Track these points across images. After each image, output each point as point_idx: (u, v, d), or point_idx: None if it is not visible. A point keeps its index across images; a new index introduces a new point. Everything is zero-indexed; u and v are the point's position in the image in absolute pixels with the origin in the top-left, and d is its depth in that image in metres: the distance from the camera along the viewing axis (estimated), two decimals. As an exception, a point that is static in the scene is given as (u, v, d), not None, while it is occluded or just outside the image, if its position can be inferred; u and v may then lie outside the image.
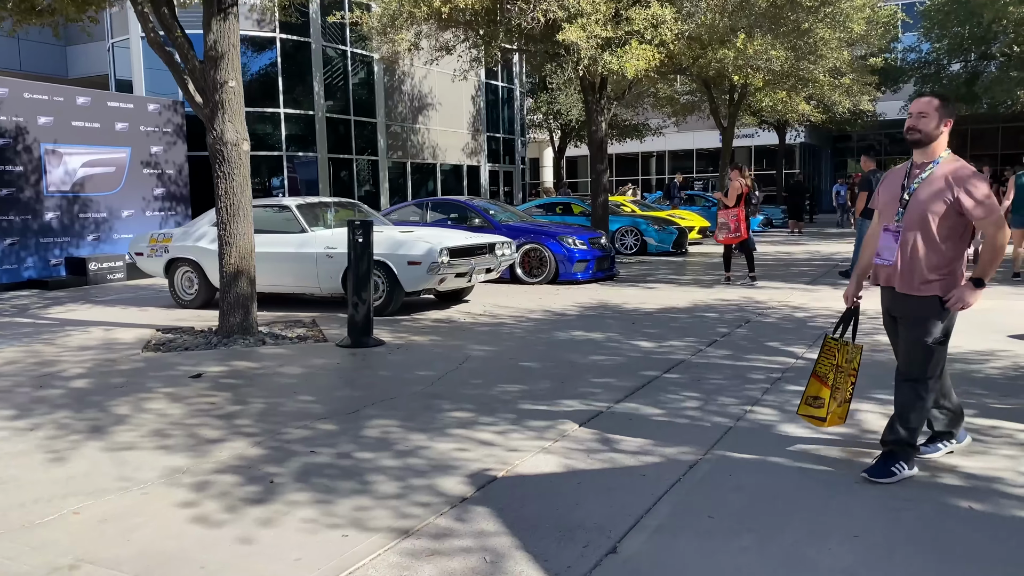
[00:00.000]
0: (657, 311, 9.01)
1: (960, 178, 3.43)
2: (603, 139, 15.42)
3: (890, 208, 3.67)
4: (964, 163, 3.52)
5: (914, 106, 3.58)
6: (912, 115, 3.57)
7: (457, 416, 4.81)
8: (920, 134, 3.51)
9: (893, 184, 3.73)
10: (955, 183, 3.43)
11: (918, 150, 3.58)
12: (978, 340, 6.83)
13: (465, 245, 9.08)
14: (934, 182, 3.49)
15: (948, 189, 3.47)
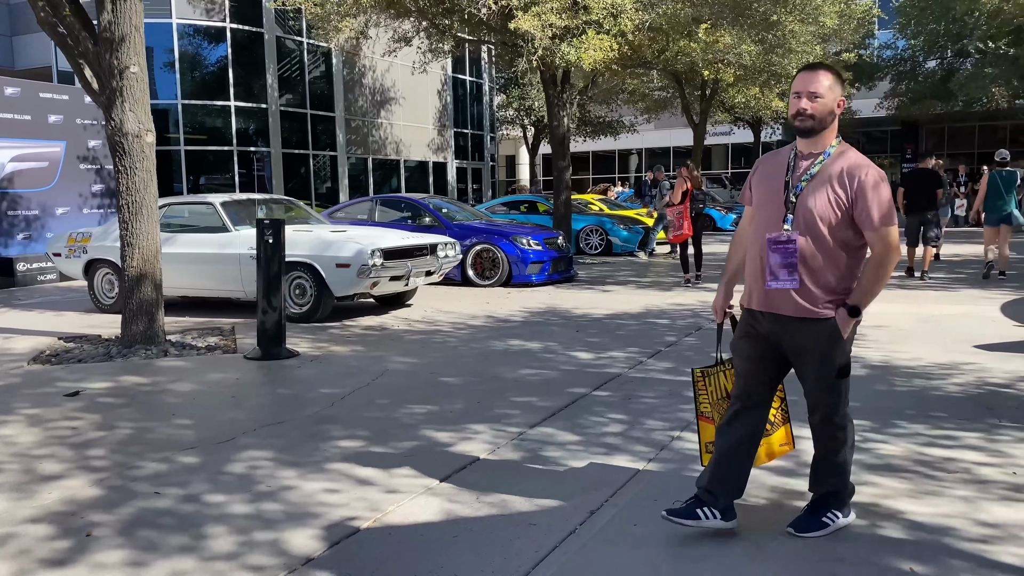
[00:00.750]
0: (606, 317, 8.44)
1: (857, 175, 2.74)
2: (565, 134, 14.84)
3: (771, 211, 2.94)
4: (861, 155, 2.83)
5: (802, 83, 2.82)
6: (801, 95, 2.82)
7: (343, 446, 4.20)
8: (814, 121, 2.77)
9: (773, 178, 2.98)
10: (850, 181, 2.74)
11: (811, 140, 2.87)
12: (941, 351, 6.30)
13: (401, 246, 8.46)
14: (825, 179, 2.78)
15: (843, 188, 2.77)
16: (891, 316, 7.97)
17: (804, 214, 2.81)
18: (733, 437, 3.03)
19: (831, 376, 2.91)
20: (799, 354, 2.93)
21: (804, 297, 2.84)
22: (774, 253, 2.84)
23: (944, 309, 8.35)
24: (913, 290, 9.90)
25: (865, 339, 6.83)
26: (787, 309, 2.87)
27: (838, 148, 2.85)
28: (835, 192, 2.78)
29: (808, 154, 2.87)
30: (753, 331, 2.99)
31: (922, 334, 7.03)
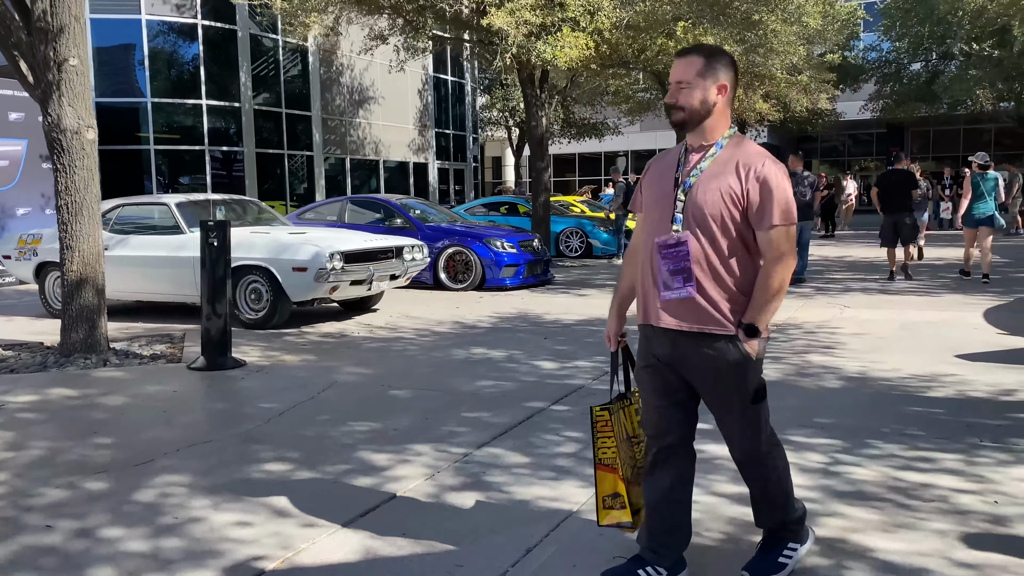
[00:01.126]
0: (578, 323, 8.11)
1: (753, 166, 2.37)
2: (544, 135, 14.53)
3: (660, 212, 2.55)
4: (758, 147, 2.45)
5: (672, 72, 2.51)
6: (671, 85, 2.50)
7: (269, 470, 3.85)
8: (684, 112, 2.41)
9: (663, 177, 2.60)
10: (745, 173, 2.37)
11: (691, 132, 2.51)
12: (921, 361, 5.99)
13: (363, 249, 8.11)
14: (717, 173, 2.41)
15: (738, 181, 2.39)
16: (871, 323, 7.68)
17: (694, 212, 2.42)
18: (661, 485, 2.64)
19: (745, 402, 2.50)
20: (703, 378, 2.51)
21: (703, 307, 2.43)
22: (664, 259, 2.46)
23: (926, 315, 8.07)
24: (894, 295, 9.63)
25: (843, 348, 6.54)
26: (685, 322, 2.46)
27: (732, 139, 2.46)
28: (728, 186, 2.38)
29: (699, 147, 2.49)
30: (653, 358, 2.60)
31: (902, 342, 6.73)
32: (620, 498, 2.68)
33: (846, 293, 9.93)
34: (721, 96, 2.42)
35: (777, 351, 6.46)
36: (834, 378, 5.54)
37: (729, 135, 2.47)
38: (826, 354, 6.32)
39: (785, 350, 6.51)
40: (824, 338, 7.01)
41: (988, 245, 10.76)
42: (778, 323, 7.78)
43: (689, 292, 2.43)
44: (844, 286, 10.72)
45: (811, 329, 7.47)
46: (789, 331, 7.38)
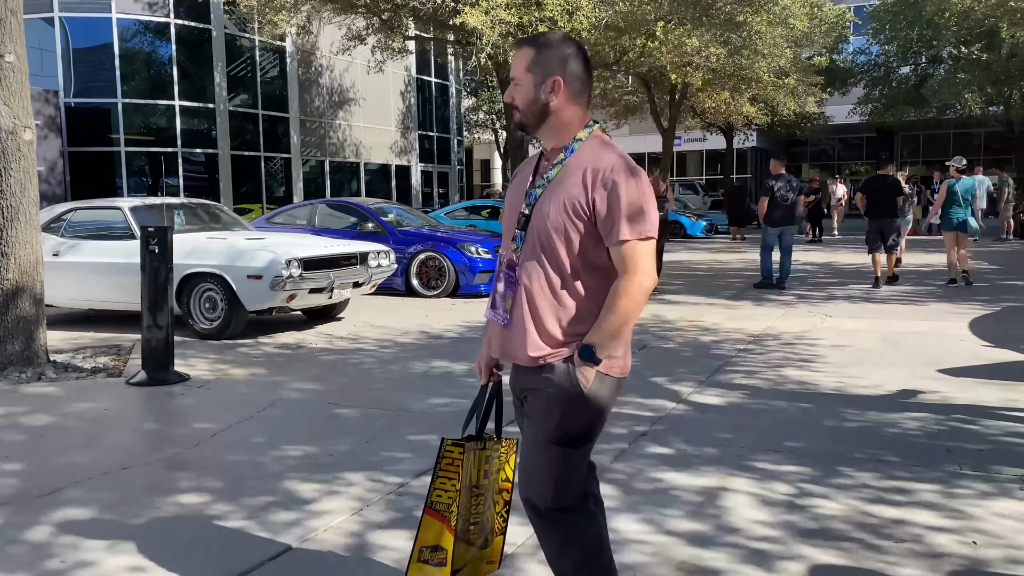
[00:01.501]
0: (548, 333, 7.78)
1: (602, 171, 2.00)
2: (524, 138, 14.21)
3: (508, 226, 2.25)
4: (614, 149, 2.07)
5: (512, 69, 2.20)
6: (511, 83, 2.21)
7: (182, 503, 3.51)
8: (520, 113, 2.10)
9: (518, 188, 2.28)
10: (593, 180, 2.01)
11: (544, 136, 2.14)
12: (902, 376, 5.69)
13: (324, 255, 7.77)
14: (565, 181, 2.05)
15: (584, 190, 2.02)
16: (853, 334, 7.37)
17: (538, 228, 2.07)
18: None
19: (549, 438, 2.09)
20: (533, 412, 2.14)
21: (535, 336, 2.08)
22: (499, 280, 2.17)
23: (910, 325, 7.78)
24: (879, 303, 9.34)
25: (821, 361, 6.23)
26: (518, 353, 2.11)
27: (587, 142, 2.09)
28: (572, 196, 2.03)
29: (553, 151, 2.16)
30: (515, 398, 2.25)
31: (883, 355, 6.43)
32: (441, 553, 2.23)
33: (829, 301, 9.64)
34: (556, 95, 2.06)
35: (752, 364, 6.15)
36: (809, 396, 5.22)
37: (583, 137, 2.09)
38: (803, 368, 6.01)
39: (760, 363, 6.20)
40: (802, 350, 6.71)
41: (965, 251, 10.85)
42: (755, 334, 7.48)
43: (505, 321, 2.13)
44: (828, 293, 10.43)
45: (789, 340, 7.17)
46: (766, 342, 7.07)
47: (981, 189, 18.69)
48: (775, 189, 11.06)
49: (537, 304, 2.08)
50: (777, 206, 11.10)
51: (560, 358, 2.08)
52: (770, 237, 11.25)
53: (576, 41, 2.15)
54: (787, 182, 11.15)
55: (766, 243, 11.29)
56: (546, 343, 2.08)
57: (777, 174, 11.26)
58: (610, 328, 2.01)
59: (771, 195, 11.09)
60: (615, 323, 2.00)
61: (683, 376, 5.82)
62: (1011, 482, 3.62)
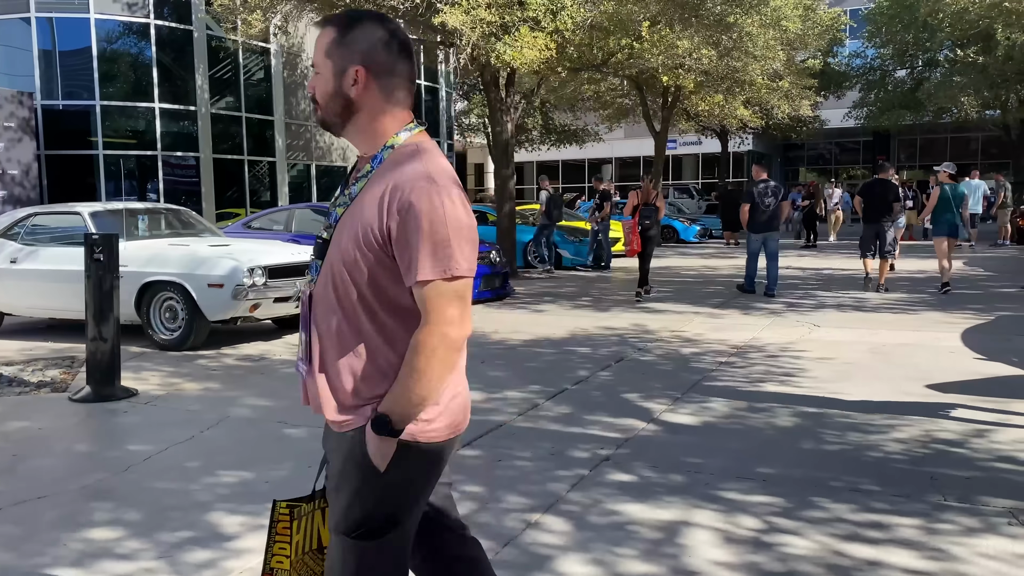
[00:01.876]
0: (524, 344, 7.49)
1: (401, 190, 1.57)
2: (509, 142, 13.92)
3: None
4: (429, 159, 1.63)
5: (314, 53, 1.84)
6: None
7: (92, 539, 3.21)
8: (320, 108, 1.71)
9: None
10: (391, 202, 1.58)
11: (352, 139, 1.75)
12: (888, 393, 5.39)
13: (290, 263, 7.47)
14: (364, 200, 1.64)
15: (377, 215, 1.60)
16: (840, 346, 7.08)
17: (332, 257, 1.67)
18: None
19: (337, 527, 1.72)
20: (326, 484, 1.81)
21: (327, 393, 1.69)
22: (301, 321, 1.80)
23: (899, 336, 7.48)
24: (869, 312, 9.04)
25: (804, 375, 5.93)
26: (320, 409, 1.73)
27: (399, 148, 1.67)
28: (367, 221, 1.60)
29: (362, 159, 1.78)
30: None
31: (870, 369, 6.13)
32: None
33: (819, 310, 9.35)
34: (359, 87, 1.66)
35: (732, 379, 5.85)
36: (788, 414, 4.92)
37: (397, 143, 1.68)
38: (784, 383, 5.71)
39: (740, 378, 5.90)
40: (786, 363, 6.41)
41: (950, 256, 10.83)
42: (739, 345, 7.18)
43: (302, 371, 1.77)
44: (818, 301, 10.14)
45: (773, 352, 6.87)
46: (749, 355, 6.77)
47: (978, 194, 18.43)
48: (756, 195, 10.91)
49: (330, 354, 1.68)
50: (759, 212, 10.93)
51: (353, 427, 1.67)
52: (754, 244, 11.10)
53: (391, 22, 1.74)
54: (769, 188, 10.97)
55: (750, 249, 11.16)
56: (341, 402, 1.68)
57: (759, 179, 11.09)
58: (407, 393, 1.59)
59: (752, 201, 10.93)
60: (413, 387, 1.59)
61: (657, 392, 5.52)
62: (998, 515, 3.33)
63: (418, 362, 1.58)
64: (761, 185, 11.01)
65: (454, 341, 1.59)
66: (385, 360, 1.66)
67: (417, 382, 1.59)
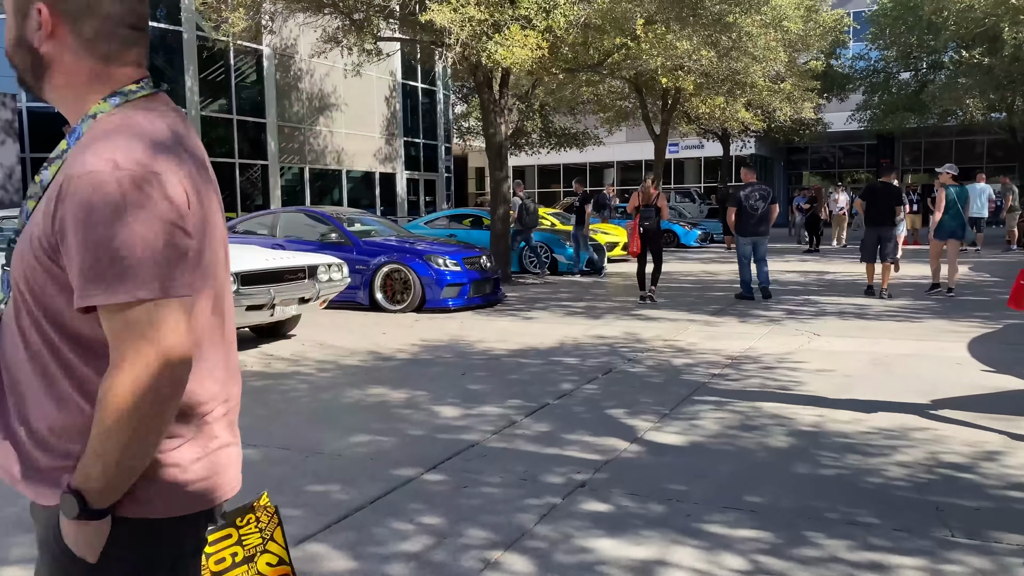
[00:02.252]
0: (509, 353, 7.15)
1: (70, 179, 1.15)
2: (503, 144, 13.61)
3: None
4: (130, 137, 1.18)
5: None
6: None
7: (-6, 581, 2.88)
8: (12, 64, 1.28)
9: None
10: (60, 199, 1.16)
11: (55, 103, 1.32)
12: (890, 407, 5.04)
13: (264, 269, 7.15)
14: (50, 192, 1.20)
15: (50, 212, 1.16)
16: (840, 356, 6.72)
17: (14, 268, 1.25)
18: None
19: None
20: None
21: (11, 451, 1.26)
22: None
23: (903, 346, 7.12)
24: (871, 320, 8.69)
25: (802, 389, 5.58)
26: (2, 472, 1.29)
27: (102, 119, 1.24)
28: (39, 221, 1.19)
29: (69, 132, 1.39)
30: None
31: (871, 382, 5.78)
32: None
33: (819, 317, 9.00)
34: (44, 33, 1.23)
35: (724, 393, 5.51)
36: (782, 433, 4.58)
37: (97, 113, 1.25)
38: (780, 398, 5.37)
39: (733, 392, 5.56)
40: (783, 376, 6.06)
41: (955, 258, 10.71)
42: (734, 355, 6.84)
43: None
44: (819, 308, 9.79)
45: (770, 363, 6.52)
46: (744, 366, 6.43)
47: (983, 198, 18.07)
48: (743, 198, 10.73)
49: (14, 398, 1.26)
50: (747, 216, 10.77)
51: (46, 501, 1.23)
52: (744, 248, 10.97)
53: None
54: (757, 191, 10.79)
55: (741, 254, 11.01)
56: (30, 464, 1.23)
57: (747, 182, 10.96)
58: (99, 461, 1.14)
59: (739, 204, 10.77)
60: (107, 451, 1.14)
61: (644, 408, 5.17)
62: (1012, 555, 2.98)
63: (106, 418, 1.14)
64: (748, 188, 10.88)
65: (153, 387, 1.14)
66: (78, 410, 1.21)
67: (111, 445, 1.14)
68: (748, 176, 11.18)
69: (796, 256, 19.04)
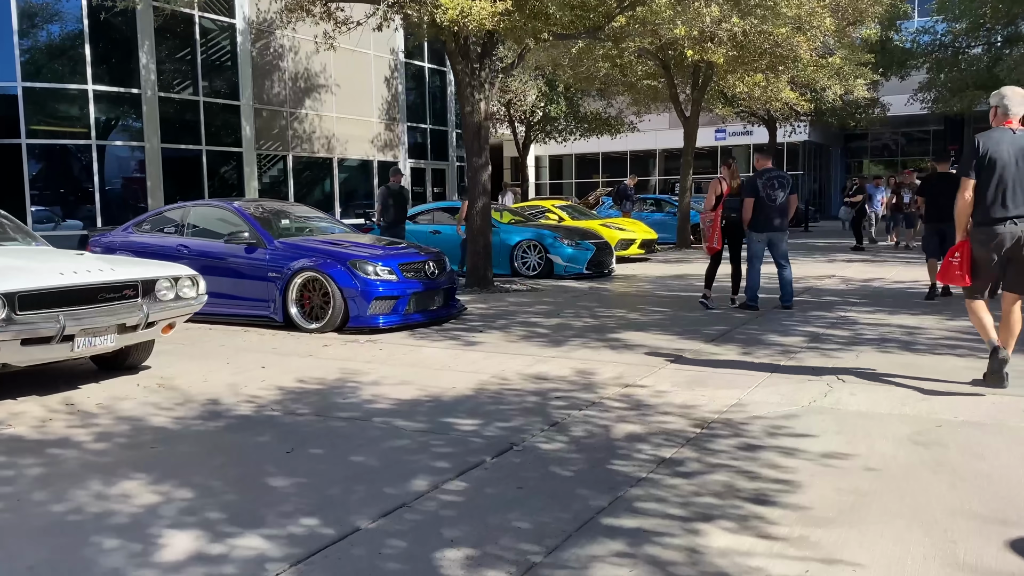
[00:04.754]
0: (393, 407, 5.10)
1: None
2: (481, 124, 11.51)
3: None
4: None
5: None
6: None
7: None
8: None
9: None
10: None
11: None
12: (925, 557, 2.83)
13: (56, 287, 5.20)
14: None
15: None
16: (865, 425, 4.48)
17: None
18: None
19: None
20: None
21: None
22: None
23: (966, 409, 4.83)
24: (923, 352, 6.37)
25: (788, 499, 3.40)
26: None
27: None
28: None
29: None
30: None
31: (905, 493, 3.56)
32: None
33: (851, 347, 6.72)
34: None
35: (658, 510, 3.34)
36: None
37: None
38: (745, 526, 3.19)
39: (674, 503, 3.39)
40: (765, 468, 3.87)
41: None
42: (709, 419, 4.66)
43: None
44: (854, 331, 7.49)
45: (756, 437, 4.33)
46: (714, 442, 4.24)
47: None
48: (760, 187, 8.79)
49: None
50: (765, 208, 8.86)
51: None
52: (756, 246, 8.97)
53: None
54: (775, 179, 8.90)
55: (752, 253, 9.00)
56: None
57: (763, 169, 9.00)
58: None
59: (756, 195, 8.82)
60: None
61: (507, 548, 3.05)
62: None
63: None
64: (766, 176, 8.92)
65: None
66: None
67: None
68: (763, 162, 9.22)
69: (844, 255, 16.53)
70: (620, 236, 15.66)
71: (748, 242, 9.03)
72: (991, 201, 5.03)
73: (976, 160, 5.07)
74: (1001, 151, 5.00)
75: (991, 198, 5.03)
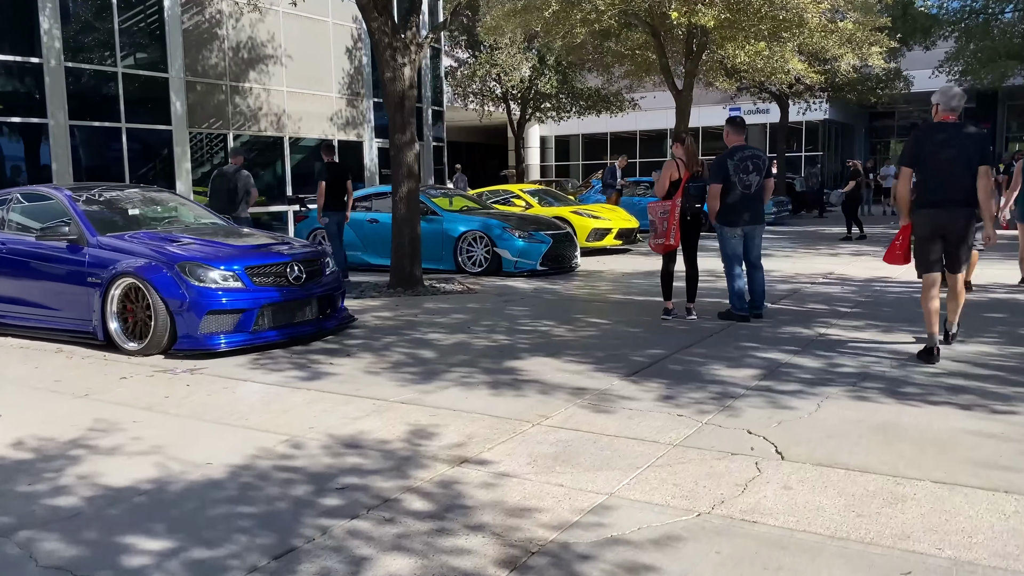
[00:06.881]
0: (75, 507, 3.39)
1: None
2: (404, 94, 9.73)
3: None
4: None
5: None
6: None
7: None
8: None
9: None
10: None
11: None
12: None
13: None
14: None
15: None
16: (781, 569, 2.66)
17: None
18: None
19: None
20: None
21: None
22: None
23: (980, 485, 3.00)
24: (909, 401, 4.50)
25: None
26: None
27: None
28: None
29: None
30: None
31: None
32: None
33: (813, 388, 4.86)
34: None
35: None
36: None
37: None
38: None
39: None
40: None
41: None
42: (530, 546, 2.84)
43: None
44: (826, 360, 5.63)
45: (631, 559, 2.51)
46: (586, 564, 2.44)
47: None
48: (731, 170, 6.90)
49: None
50: (737, 195, 7.09)
51: None
52: (731, 242, 7.19)
53: None
54: (749, 159, 7.05)
55: (728, 251, 7.19)
56: None
57: (734, 146, 7.08)
58: None
59: (726, 179, 6.92)
60: None
61: None
62: None
63: None
64: (738, 156, 7.00)
65: None
66: None
67: None
68: (734, 138, 7.28)
69: (852, 246, 14.53)
70: (593, 225, 13.79)
71: (720, 239, 7.20)
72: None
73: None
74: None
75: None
